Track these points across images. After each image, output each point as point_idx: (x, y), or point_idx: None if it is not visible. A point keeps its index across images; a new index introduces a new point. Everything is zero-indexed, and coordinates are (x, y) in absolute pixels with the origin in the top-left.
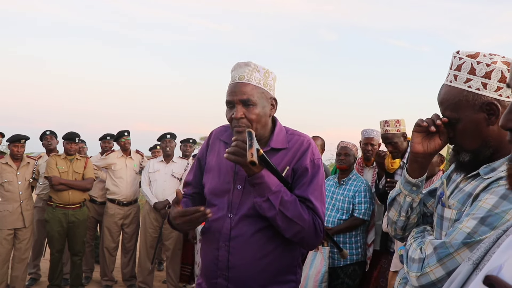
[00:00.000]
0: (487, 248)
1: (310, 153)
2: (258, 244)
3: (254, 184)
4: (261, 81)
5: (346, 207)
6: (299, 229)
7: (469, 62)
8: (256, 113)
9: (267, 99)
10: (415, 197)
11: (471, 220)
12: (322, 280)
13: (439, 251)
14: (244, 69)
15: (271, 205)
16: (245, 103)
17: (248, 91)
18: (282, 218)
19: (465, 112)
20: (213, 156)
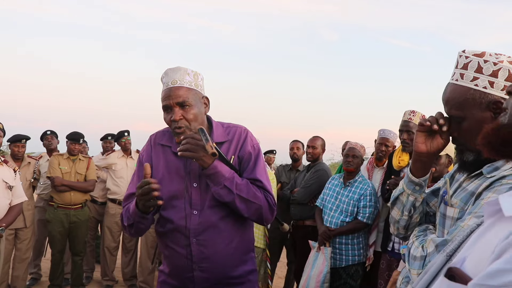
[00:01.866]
0: (461, 241)
1: (250, 140)
2: (225, 231)
3: (209, 174)
4: (192, 83)
5: (350, 210)
6: (257, 207)
7: (476, 60)
8: (193, 113)
9: (200, 99)
10: (418, 197)
11: (473, 218)
12: (324, 281)
13: (440, 249)
14: (175, 74)
15: (228, 191)
16: (181, 105)
17: (183, 93)
18: (240, 200)
19: (471, 110)
20: (159, 162)
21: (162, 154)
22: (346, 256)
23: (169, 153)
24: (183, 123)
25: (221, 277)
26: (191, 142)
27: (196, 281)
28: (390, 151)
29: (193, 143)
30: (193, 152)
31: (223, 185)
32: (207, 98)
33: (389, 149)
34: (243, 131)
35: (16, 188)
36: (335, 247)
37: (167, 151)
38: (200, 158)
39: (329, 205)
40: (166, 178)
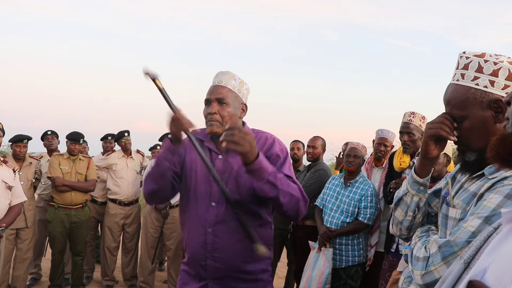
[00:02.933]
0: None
1: (277, 144)
2: (237, 228)
3: (253, 170)
4: (235, 87)
5: (351, 210)
6: (296, 200)
7: (476, 60)
8: (228, 111)
9: (239, 103)
10: (422, 197)
11: (476, 219)
12: (325, 282)
13: (443, 250)
14: (223, 76)
15: (272, 186)
16: (220, 101)
17: (224, 92)
18: (284, 194)
19: (472, 109)
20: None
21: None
22: (346, 257)
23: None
24: (216, 118)
25: (232, 269)
26: (238, 134)
27: (208, 269)
28: (389, 151)
29: (240, 135)
30: (240, 146)
31: (266, 180)
32: (246, 106)
33: (387, 149)
34: (270, 136)
35: (15, 188)
36: (335, 248)
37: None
38: (245, 154)
39: (330, 205)
40: (194, 169)
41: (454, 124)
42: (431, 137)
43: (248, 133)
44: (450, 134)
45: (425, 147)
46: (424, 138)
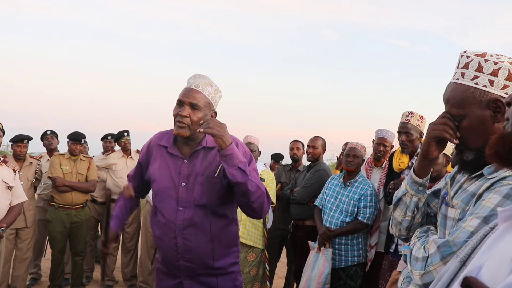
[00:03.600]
0: (474, 246)
1: (240, 147)
2: (206, 228)
3: (226, 155)
4: (210, 94)
5: (350, 210)
6: (261, 193)
7: (476, 60)
8: (199, 116)
9: (210, 110)
10: (421, 197)
11: (475, 219)
12: (325, 282)
13: (442, 250)
14: (201, 80)
15: (242, 172)
16: (192, 106)
17: (198, 98)
18: (252, 183)
19: (471, 108)
20: (156, 162)
21: (159, 154)
22: (345, 256)
23: (165, 153)
24: (187, 121)
25: (204, 267)
26: (213, 123)
27: (181, 268)
28: (388, 151)
29: (216, 123)
30: (216, 131)
31: (237, 167)
32: (216, 113)
33: (387, 149)
34: (233, 139)
35: (16, 188)
36: (335, 248)
37: (163, 152)
38: (221, 137)
39: (329, 205)
40: (161, 176)
41: (458, 134)
42: (434, 138)
43: (222, 123)
44: (453, 137)
45: (426, 147)
46: (426, 138)
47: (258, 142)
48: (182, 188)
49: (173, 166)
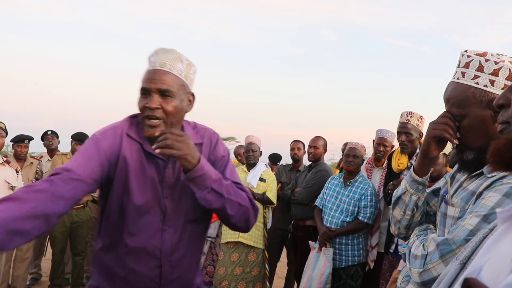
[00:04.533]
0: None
1: (221, 144)
2: (197, 248)
3: (195, 177)
4: (182, 72)
5: (351, 210)
6: (244, 210)
7: (477, 59)
8: (173, 105)
9: (185, 93)
10: (421, 196)
11: (474, 217)
12: (326, 282)
13: (441, 248)
14: (167, 56)
15: (217, 195)
16: (162, 93)
17: (169, 80)
18: (231, 204)
19: (471, 108)
20: (129, 161)
21: (133, 151)
22: (346, 256)
23: (138, 151)
24: (159, 114)
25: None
26: (172, 138)
27: None
28: (389, 151)
29: (175, 138)
30: (176, 149)
31: (210, 189)
32: (193, 95)
33: (387, 149)
34: (213, 134)
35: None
36: (335, 248)
37: (138, 150)
38: (185, 157)
39: (329, 205)
40: (136, 183)
41: (458, 134)
42: (434, 137)
43: (183, 134)
44: (453, 137)
45: (426, 147)
46: (426, 138)
47: (259, 142)
48: (168, 201)
49: (153, 171)
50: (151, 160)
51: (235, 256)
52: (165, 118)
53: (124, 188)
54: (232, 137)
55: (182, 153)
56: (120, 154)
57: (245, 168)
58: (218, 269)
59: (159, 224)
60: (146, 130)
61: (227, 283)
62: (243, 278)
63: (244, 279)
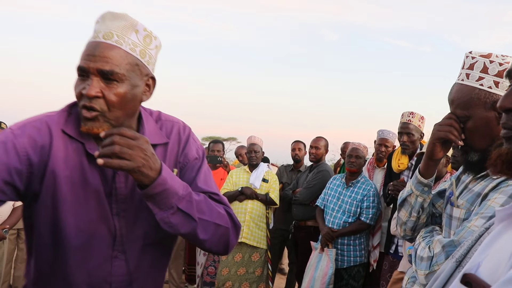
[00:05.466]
0: (470, 246)
1: (193, 141)
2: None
3: (154, 195)
4: (137, 47)
5: (353, 210)
6: (223, 231)
7: (482, 61)
8: (120, 93)
9: (141, 76)
10: (426, 197)
11: (480, 219)
12: (329, 282)
13: (447, 249)
14: (115, 23)
15: (185, 216)
16: (105, 75)
17: (115, 58)
18: (205, 226)
19: (476, 110)
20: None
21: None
22: (348, 257)
23: (80, 155)
24: (99, 104)
25: None
26: (122, 142)
27: None
28: (390, 151)
29: (126, 143)
30: (127, 159)
31: (176, 209)
32: (154, 80)
33: (388, 149)
34: (182, 129)
35: None
36: (337, 248)
37: (78, 151)
38: (139, 170)
39: (331, 206)
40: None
41: (463, 136)
42: (439, 139)
43: (137, 136)
44: (458, 139)
45: (431, 148)
46: (431, 139)
47: (261, 143)
48: (119, 220)
49: (97, 180)
50: (95, 166)
51: (239, 256)
52: (106, 111)
53: (56, 203)
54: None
55: (135, 165)
56: (50, 156)
57: (247, 168)
58: (221, 269)
59: (107, 250)
60: (84, 124)
61: (230, 284)
62: (247, 279)
63: (247, 280)
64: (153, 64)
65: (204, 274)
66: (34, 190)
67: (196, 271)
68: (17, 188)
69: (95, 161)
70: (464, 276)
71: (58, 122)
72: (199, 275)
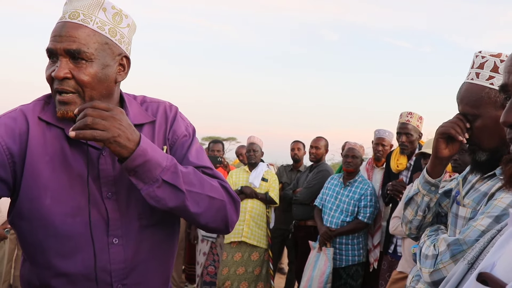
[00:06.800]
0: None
1: (180, 119)
2: (162, 262)
3: (135, 168)
4: (106, 25)
5: (351, 210)
6: (219, 204)
7: (492, 60)
8: (90, 73)
9: (112, 55)
10: (433, 197)
11: (486, 218)
12: (326, 281)
13: (452, 248)
14: (82, 3)
15: (173, 188)
16: (73, 55)
17: (81, 37)
18: (196, 199)
19: (486, 109)
20: (42, 154)
21: (49, 139)
22: (346, 256)
23: (61, 140)
24: (70, 86)
25: None
26: (94, 114)
27: None
28: (387, 150)
29: (98, 114)
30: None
31: (162, 181)
32: (128, 59)
33: (385, 148)
34: (168, 107)
35: None
36: (335, 247)
37: (58, 137)
38: (115, 140)
39: (329, 205)
40: (57, 183)
41: (467, 125)
42: (441, 134)
43: (111, 107)
44: (460, 134)
45: (435, 145)
46: (435, 136)
47: (261, 143)
48: (110, 202)
49: (81, 163)
50: (77, 150)
51: (238, 255)
52: (81, 91)
53: (38, 190)
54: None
55: (110, 135)
56: (28, 143)
57: (247, 168)
58: (221, 269)
59: (102, 236)
60: (57, 108)
61: (230, 283)
62: (246, 278)
63: (246, 279)
64: (127, 43)
65: (204, 273)
66: (15, 181)
67: (196, 270)
68: (4, 181)
69: (77, 145)
70: (480, 275)
71: (33, 110)
72: (199, 275)
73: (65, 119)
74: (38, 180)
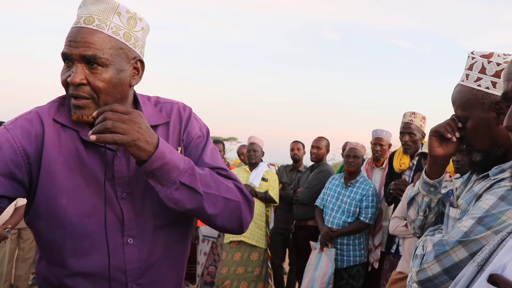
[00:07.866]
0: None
1: (194, 120)
2: (177, 262)
3: (153, 170)
4: (121, 30)
5: (352, 210)
6: (234, 205)
7: (480, 61)
8: (105, 79)
9: (127, 60)
10: (433, 197)
11: (470, 219)
12: (328, 282)
13: (436, 248)
14: (97, 7)
15: (190, 190)
16: (88, 61)
17: (96, 43)
18: (213, 201)
19: (474, 110)
20: (57, 155)
21: (65, 141)
22: (347, 256)
23: (76, 142)
24: (86, 92)
25: None
26: (114, 117)
27: None
28: (386, 149)
29: (118, 117)
30: (121, 133)
31: (179, 183)
32: (142, 63)
33: (384, 148)
34: (182, 108)
35: None
36: (337, 248)
37: (73, 139)
38: (135, 143)
39: (330, 206)
40: (72, 183)
41: (459, 124)
42: (433, 133)
43: (130, 110)
44: (449, 133)
45: (429, 143)
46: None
47: (262, 143)
48: (125, 202)
49: (96, 164)
50: (92, 151)
51: (238, 255)
52: (95, 97)
53: (54, 191)
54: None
55: (130, 139)
56: (44, 145)
57: (247, 168)
58: (220, 268)
59: (117, 236)
60: (74, 113)
61: (229, 283)
62: (245, 278)
63: (246, 279)
64: (141, 46)
65: (205, 273)
66: (32, 182)
67: (197, 270)
68: (20, 181)
69: (92, 147)
70: (491, 276)
71: (48, 112)
72: (200, 275)
73: (80, 122)
74: (54, 180)
